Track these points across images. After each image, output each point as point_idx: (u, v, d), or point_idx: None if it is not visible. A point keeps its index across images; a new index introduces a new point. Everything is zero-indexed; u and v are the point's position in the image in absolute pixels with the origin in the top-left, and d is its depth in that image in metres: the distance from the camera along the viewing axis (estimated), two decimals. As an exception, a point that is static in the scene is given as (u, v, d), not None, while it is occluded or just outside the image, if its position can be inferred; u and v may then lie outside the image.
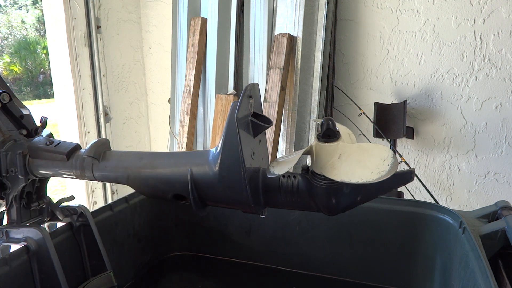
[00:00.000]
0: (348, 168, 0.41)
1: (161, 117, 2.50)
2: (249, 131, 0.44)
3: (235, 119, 0.41)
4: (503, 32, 1.73)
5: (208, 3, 1.98)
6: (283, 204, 0.46)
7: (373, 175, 0.39)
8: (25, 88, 11.15)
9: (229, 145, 0.42)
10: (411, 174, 0.43)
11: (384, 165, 0.40)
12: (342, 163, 0.42)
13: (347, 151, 0.42)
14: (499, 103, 1.80)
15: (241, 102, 0.42)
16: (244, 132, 0.42)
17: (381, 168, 0.40)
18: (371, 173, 0.40)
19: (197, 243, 1.01)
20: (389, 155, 0.41)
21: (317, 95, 1.81)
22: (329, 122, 0.42)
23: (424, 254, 0.81)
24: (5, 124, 0.69)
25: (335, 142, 0.42)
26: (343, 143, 0.43)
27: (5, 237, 0.66)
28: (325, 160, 0.42)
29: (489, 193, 1.90)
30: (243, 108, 0.42)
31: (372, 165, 0.41)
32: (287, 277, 0.92)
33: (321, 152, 0.42)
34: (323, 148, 0.42)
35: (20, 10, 12.05)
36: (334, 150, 0.42)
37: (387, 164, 0.40)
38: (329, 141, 0.42)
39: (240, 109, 0.42)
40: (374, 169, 0.40)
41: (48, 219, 0.74)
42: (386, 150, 0.43)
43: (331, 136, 0.42)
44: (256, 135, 0.46)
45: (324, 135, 0.42)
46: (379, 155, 0.42)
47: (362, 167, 0.41)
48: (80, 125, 2.12)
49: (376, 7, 1.90)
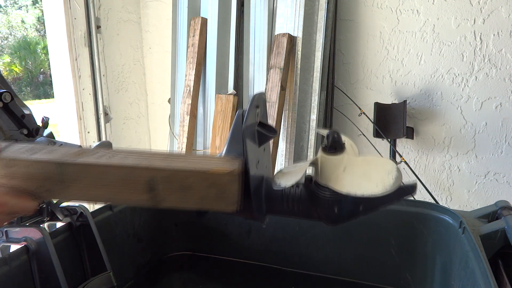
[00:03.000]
0: (353, 180, 0.42)
1: (161, 117, 2.50)
2: (255, 140, 0.45)
3: (242, 129, 0.41)
4: (503, 32, 1.73)
5: (208, 3, 1.98)
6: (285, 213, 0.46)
7: (378, 188, 0.40)
8: (25, 88, 11.15)
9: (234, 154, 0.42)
10: (414, 188, 0.43)
11: (389, 178, 0.41)
12: (347, 176, 0.42)
13: (352, 163, 0.43)
14: (499, 103, 1.80)
15: (248, 112, 0.42)
16: (249, 142, 0.43)
17: (385, 181, 0.41)
18: (376, 186, 0.40)
19: (197, 243, 1.01)
20: (393, 168, 0.42)
21: (317, 95, 1.81)
22: (334, 135, 0.43)
23: (424, 254, 0.81)
24: (6, 124, 0.69)
25: (340, 155, 0.43)
26: (348, 155, 0.43)
27: (4, 237, 0.66)
28: (330, 172, 0.43)
29: (489, 193, 1.90)
30: (250, 118, 0.43)
31: (377, 178, 0.41)
32: (287, 277, 0.92)
33: (326, 164, 0.43)
34: (328, 160, 0.43)
35: (20, 10, 12.05)
36: (339, 163, 0.43)
37: (392, 177, 0.41)
38: (334, 154, 0.43)
39: (248, 119, 0.42)
40: (379, 182, 0.41)
41: (48, 219, 0.74)
42: (390, 163, 0.43)
43: (337, 149, 0.43)
44: (261, 144, 0.46)
45: (330, 148, 0.43)
46: (383, 168, 0.43)
47: (367, 180, 0.42)
48: (80, 125, 2.12)
49: (376, 7, 1.90)
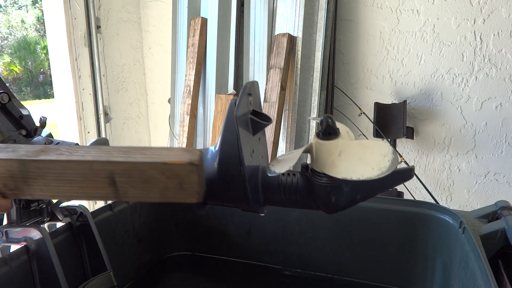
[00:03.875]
0: (349, 165, 0.41)
1: (161, 117, 2.50)
2: (248, 128, 0.44)
3: (234, 116, 0.41)
4: (503, 32, 1.73)
5: (208, 3, 1.98)
6: (283, 202, 0.46)
7: (374, 172, 0.39)
8: (25, 88, 11.15)
9: (228, 143, 0.42)
10: (411, 172, 0.42)
11: (385, 161, 0.40)
12: (343, 160, 0.41)
13: (347, 148, 0.42)
14: (499, 103, 1.80)
15: (240, 99, 0.42)
16: (243, 130, 0.42)
17: (381, 164, 0.40)
18: (372, 169, 0.40)
19: (197, 243, 1.01)
20: (389, 151, 0.41)
21: (317, 95, 1.81)
22: (328, 120, 0.42)
23: (424, 254, 0.81)
24: (5, 125, 0.69)
25: (335, 140, 0.42)
26: (343, 140, 0.43)
27: (5, 237, 0.65)
28: (325, 157, 0.42)
29: (489, 193, 1.90)
30: (242, 106, 0.42)
31: (372, 161, 0.41)
32: (287, 277, 0.92)
33: (321, 150, 0.42)
34: (323, 146, 0.42)
35: (20, 10, 12.06)
36: (334, 148, 0.42)
37: (388, 160, 0.40)
38: (329, 139, 0.42)
39: (239, 107, 0.41)
40: (374, 165, 0.40)
41: (48, 219, 0.74)
42: (386, 146, 0.43)
43: (331, 134, 0.42)
44: (255, 133, 0.45)
45: (324, 133, 0.42)
46: (379, 151, 0.42)
47: (363, 163, 0.41)
48: (80, 125, 2.12)
49: (376, 7, 1.90)
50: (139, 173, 0.43)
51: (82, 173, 0.43)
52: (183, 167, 0.42)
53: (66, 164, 0.43)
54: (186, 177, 0.42)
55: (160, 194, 0.43)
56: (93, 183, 0.44)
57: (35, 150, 0.45)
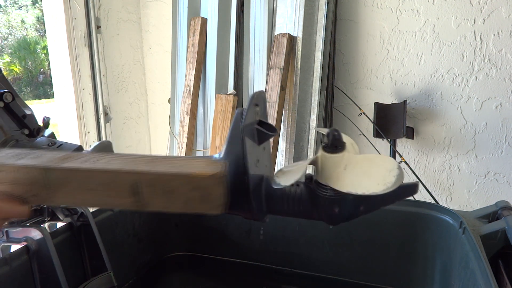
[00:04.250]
0: (354, 179, 0.41)
1: (161, 117, 2.50)
2: (254, 139, 0.44)
3: (241, 127, 0.41)
4: (503, 32, 1.74)
5: (208, 3, 1.98)
6: (286, 212, 0.46)
7: (379, 187, 0.39)
8: (25, 88, 11.15)
9: (233, 153, 0.42)
10: (416, 187, 0.42)
11: (390, 176, 0.40)
12: (348, 174, 0.41)
13: (353, 162, 0.42)
14: (499, 103, 1.80)
15: (248, 110, 0.42)
16: (249, 140, 0.42)
17: (387, 180, 0.40)
18: (377, 184, 0.40)
19: (197, 243, 1.01)
20: (395, 166, 0.41)
21: (317, 95, 1.82)
22: (335, 133, 0.42)
23: (424, 254, 0.81)
24: (8, 124, 0.69)
25: (340, 153, 0.42)
26: (348, 153, 0.43)
27: (5, 237, 0.65)
28: (330, 170, 0.42)
29: (489, 193, 1.90)
30: (249, 116, 0.42)
31: (378, 176, 0.40)
32: (287, 277, 0.92)
33: (327, 163, 0.42)
34: (329, 159, 0.42)
35: (20, 10, 12.06)
36: (340, 161, 0.42)
37: (393, 175, 0.40)
38: (335, 152, 0.42)
39: (247, 117, 0.42)
40: (380, 180, 0.40)
41: (48, 219, 0.74)
42: (392, 161, 0.43)
43: (338, 147, 0.42)
44: (261, 143, 0.46)
45: (331, 146, 0.42)
46: (385, 166, 0.42)
47: (368, 178, 0.41)
48: (80, 125, 2.12)
49: (376, 7, 1.90)
50: (163, 184, 0.42)
51: (105, 183, 0.43)
52: (208, 179, 0.41)
53: (90, 173, 0.43)
54: (210, 189, 0.42)
55: (183, 205, 0.43)
56: (115, 192, 0.43)
57: (58, 157, 0.45)
